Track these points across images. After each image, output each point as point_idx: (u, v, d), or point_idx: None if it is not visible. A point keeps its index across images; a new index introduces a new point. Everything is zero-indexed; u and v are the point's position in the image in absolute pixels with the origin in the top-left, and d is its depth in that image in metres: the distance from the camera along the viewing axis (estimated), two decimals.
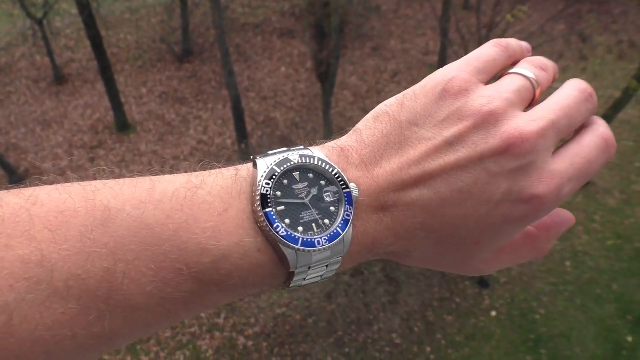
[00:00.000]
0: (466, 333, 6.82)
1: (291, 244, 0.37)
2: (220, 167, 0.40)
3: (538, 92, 0.44)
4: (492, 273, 0.45)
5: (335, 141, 0.43)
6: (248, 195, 0.38)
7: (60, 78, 11.77)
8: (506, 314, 6.99)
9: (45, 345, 0.31)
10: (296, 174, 0.40)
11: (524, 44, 0.49)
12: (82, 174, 0.39)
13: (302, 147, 0.42)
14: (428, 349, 6.69)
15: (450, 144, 0.40)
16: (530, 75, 0.44)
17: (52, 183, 0.36)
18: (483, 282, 7.25)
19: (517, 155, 0.39)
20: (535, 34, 8.10)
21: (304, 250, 0.37)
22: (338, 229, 0.38)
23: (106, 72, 9.72)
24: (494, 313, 7.01)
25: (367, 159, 0.41)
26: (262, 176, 0.38)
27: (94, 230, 0.33)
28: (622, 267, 7.39)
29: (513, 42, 0.47)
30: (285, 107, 10.93)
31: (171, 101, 11.18)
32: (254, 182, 0.38)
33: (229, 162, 0.43)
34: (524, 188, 0.40)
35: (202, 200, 0.36)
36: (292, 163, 0.40)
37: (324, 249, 0.38)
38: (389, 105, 0.43)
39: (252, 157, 0.41)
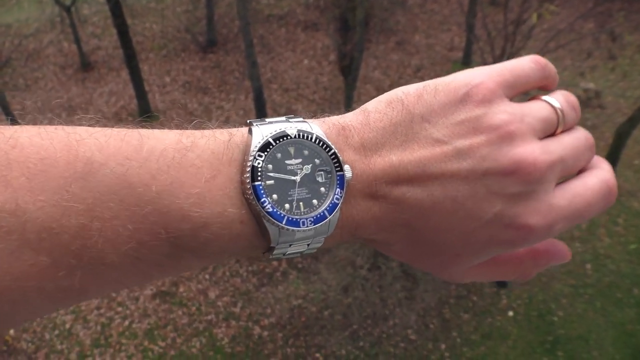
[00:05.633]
0: (482, 332, 6.78)
1: (275, 221, 0.36)
2: (213, 129, 0.39)
3: (559, 130, 0.43)
4: (467, 282, 0.46)
5: (338, 117, 0.42)
6: (238, 163, 0.37)
7: (86, 65, 11.93)
8: (523, 314, 6.93)
9: (10, 295, 0.31)
10: (291, 149, 0.39)
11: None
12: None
13: (302, 119, 0.40)
14: (443, 346, 6.66)
15: (458, 151, 0.38)
16: (561, 110, 0.43)
17: (35, 123, 0.34)
18: (501, 282, 7.19)
19: (523, 180, 0.38)
20: (564, 31, 7.96)
21: (287, 229, 0.37)
22: (325, 211, 0.38)
23: (131, 60, 9.82)
24: (511, 313, 6.95)
25: (368, 143, 0.40)
26: (256, 146, 0.37)
27: (73, 183, 0.31)
28: None
29: (551, 65, 0.45)
30: (307, 100, 10.92)
31: (194, 90, 11.25)
32: (246, 151, 0.37)
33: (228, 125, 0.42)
34: (518, 214, 0.39)
35: (190, 163, 0.35)
36: (289, 137, 0.38)
37: (308, 229, 0.37)
38: (406, 94, 0.41)
39: (247, 122, 0.40)
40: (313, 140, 0.39)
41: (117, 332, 6.87)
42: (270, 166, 0.37)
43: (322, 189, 0.39)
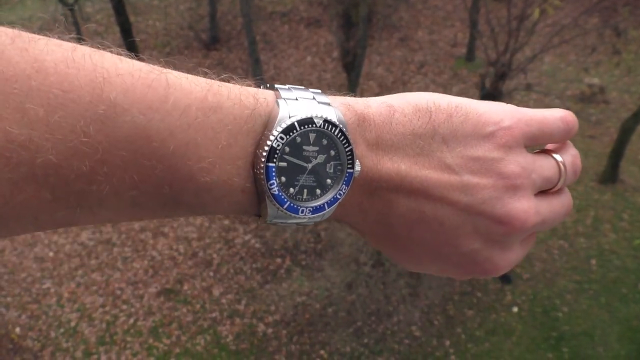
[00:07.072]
0: (486, 328, 6.78)
1: (277, 204, 0.37)
2: (240, 87, 0.39)
3: (556, 189, 0.46)
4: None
5: (363, 104, 0.41)
6: (257, 135, 0.36)
7: None
8: (528, 310, 6.92)
9: (6, 218, 0.31)
10: (312, 135, 0.38)
11: None
12: None
13: (328, 102, 0.39)
14: (447, 343, 6.66)
15: (463, 185, 0.40)
16: (565, 172, 0.45)
17: (59, 36, 0.32)
18: (505, 278, 7.17)
19: (508, 232, 0.42)
20: (568, 26, 7.92)
21: (285, 213, 0.38)
22: (325, 204, 0.39)
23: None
24: (515, 309, 6.94)
25: (383, 144, 0.40)
26: (281, 127, 0.36)
27: (91, 125, 0.30)
28: None
29: (577, 125, 0.47)
30: None
31: None
32: (268, 125, 0.36)
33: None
34: (490, 257, 0.43)
35: (211, 126, 0.34)
36: (314, 126, 0.38)
37: (304, 216, 0.39)
38: (437, 107, 0.41)
39: (274, 88, 0.40)
40: (336, 133, 0.38)
41: (122, 330, 6.90)
42: (287, 149, 0.37)
43: (329, 180, 0.39)
